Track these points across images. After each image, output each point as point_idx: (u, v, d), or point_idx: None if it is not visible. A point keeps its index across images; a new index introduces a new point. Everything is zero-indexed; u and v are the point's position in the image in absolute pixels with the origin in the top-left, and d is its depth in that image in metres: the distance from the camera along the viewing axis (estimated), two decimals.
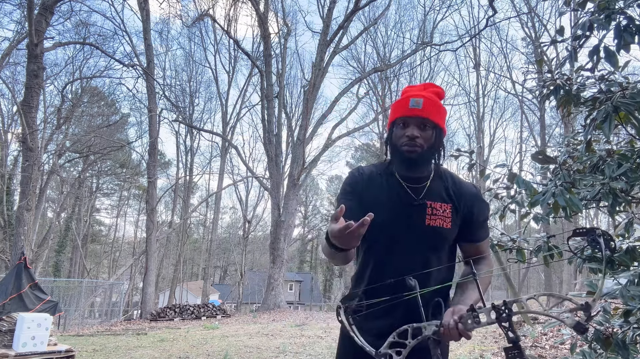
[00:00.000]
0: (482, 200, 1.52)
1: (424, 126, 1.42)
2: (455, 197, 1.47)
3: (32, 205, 11.99)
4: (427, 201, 1.44)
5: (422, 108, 1.41)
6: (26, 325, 5.36)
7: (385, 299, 1.32)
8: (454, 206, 1.46)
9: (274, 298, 18.27)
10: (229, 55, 28.89)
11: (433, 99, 1.44)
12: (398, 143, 1.44)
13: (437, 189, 1.47)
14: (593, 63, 1.72)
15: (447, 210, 1.45)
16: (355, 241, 1.21)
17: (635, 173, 1.66)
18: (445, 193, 1.47)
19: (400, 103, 1.47)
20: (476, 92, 29.04)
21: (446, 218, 1.43)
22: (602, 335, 1.61)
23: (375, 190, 1.49)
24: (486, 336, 7.67)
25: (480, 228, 1.50)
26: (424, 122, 1.42)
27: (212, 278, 36.91)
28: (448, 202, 1.46)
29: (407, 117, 1.42)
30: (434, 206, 1.43)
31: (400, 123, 1.45)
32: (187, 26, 25.04)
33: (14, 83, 20.56)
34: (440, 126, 1.45)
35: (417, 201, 1.43)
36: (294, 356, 6.74)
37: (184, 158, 30.46)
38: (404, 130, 1.43)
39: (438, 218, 1.43)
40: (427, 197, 1.45)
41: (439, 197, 1.46)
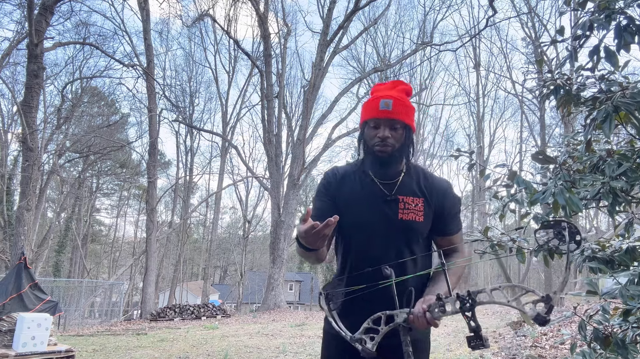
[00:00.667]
0: (453, 193, 1.56)
1: (394, 127, 1.47)
2: (427, 191, 1.51)
3: (32, 205, 12.00)
4: (399, 197, 1.49)
5: (392, 109, 1.46)
6: (26, 325, 5.36)
7: (363, 287, 1.38)
8: (426, 200, 1.50)
9: (274, 298, 18.27)
10: (229, 55, 28.98)
11: (402, 99, 1.49)
12: (370, 143, 1.50)
13: (408, 184, 1.52)
14: (593, 63, 1.72)
15: (420, 204, 1.49)
16: (321, 241, 1.28)
17: (635, 173, 1.67)
18: (417, 188, 1.52)
19: (370, 104, 1.51)
20: (476, 92, 29.05)
21: (419, 211, 1.48)
22: (601, 335, 1.62)
23: (349, 189, 1.55)
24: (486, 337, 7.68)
25: (452, 221, 1.54)
26: (394, 123, 1.47)
27: (212, 278, 36.91)
28: (420, 196, 1.50)
29: (378, 118, 1.47)
30: (406, 201, 1.49)
31: (372, 124, 1.50)
32: (187, 26, 25.06)
33: (14, 83, 20.59)
34: (409, 125, 1.50)
35: (390, 197, 1.49)
36: (294, 356, 6.74)
37: (184, 158, 30.48)
38: (376, 131, 1.48)
39: (411, 212, 1.48)
40: (399, 192, 1.50)
41: (411, 192, 1.51)
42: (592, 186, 1.75)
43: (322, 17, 20.16)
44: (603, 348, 1.60)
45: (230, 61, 28.46)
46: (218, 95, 28.11)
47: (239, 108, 28.44)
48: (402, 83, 1.57)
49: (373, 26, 23.96)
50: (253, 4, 19.44)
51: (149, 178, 19.63)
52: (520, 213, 2.24)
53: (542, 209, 2.07)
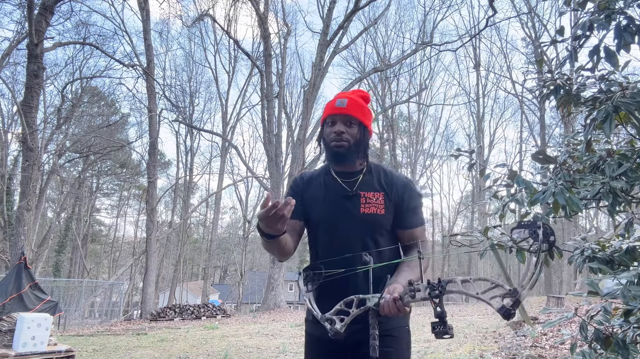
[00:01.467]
0: (412, 188, 1.63)
1: (349, 123, 1.58)
2: (387, 186, 1.60)
3: (32, 205, 12.00)
4: (360, 192, 1.58)
5: (347, 106, 1.58)
6: (26, 325, 5.35)
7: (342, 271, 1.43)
8: (386, 194, 1.58)
9: (274, 298, 18.27)
10: (229, 55, 28.98)
11: (358, 101, 1.61)
12: (328, 139, 1.60)
13: (369, 181, 1.61)
14: (593, 63, 1.72)
15: (380, 198, 1.57)
16: (281, 224, 1.36)
17: (635, 173, 1.66)
18: (377, 183, 1.60)
19: (329, 104, 1.64)
20: (476, 92, 29.09)
21: (379, 205, 1.56)
22: (602, 335, 1.61)
23: (314, 189, 1.67)
24: (486, 336, 7.68)
25: (412, 215, 1.60)
26: (349, 119, 1.58)
27: (212, 278, 36.91)
28: (380, 191, 1.58)
29: (334, 114, 1.59)
30: (367, 196, 1.57)
31: (329, 122, 1.61)
32: (187, 26, 25.06)
33: (14, 83, 20.60)
34: (365, 124, 1.60)
35: (351, 193, 1.58)
36: (294, 356, 6.74)
37: (184, 158, 30.51)
38: (332, 127, 1.59)
39: (372, 206, 1.55)
40: (360, 189, 1.58)
41: (372, 187, 1.59)
42: (592, 186, 1.75)
43: (322, 17, 20.17)
44: (604, 348, 1.60)
45: (230, 61, 28.52)
46: (218, 95, 28.16)
47: (239, 108, 28.49)
48: (360, 91, 1.69)
49: (373, 26, 23.98)
50: (253, 4, 19.44)
51: (149, 178, 19.63)
52: (520, 213, 2.24)
53: (542, 209, 2.07)
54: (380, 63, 25.47)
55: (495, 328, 8.60)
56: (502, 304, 1.08)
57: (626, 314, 1.61)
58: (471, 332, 8.26)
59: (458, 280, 1.19)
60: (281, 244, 1.48)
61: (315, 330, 1.61)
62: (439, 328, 1.18)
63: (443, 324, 1.17)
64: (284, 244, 1.50)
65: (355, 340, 1.46)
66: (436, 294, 1.18)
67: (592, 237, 2.15)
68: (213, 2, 29.84)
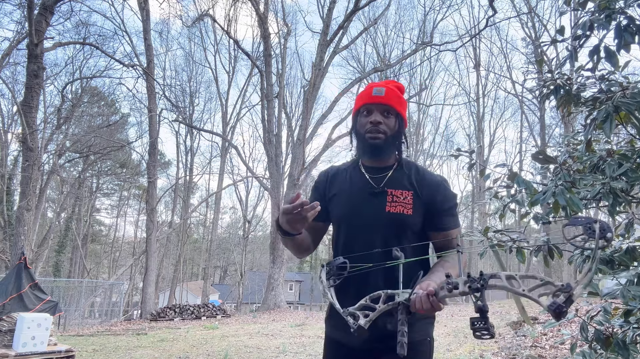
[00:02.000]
0: (446, 188, 1.51)
1: (387, 113, 1.47)
2: (417, 185, 1.48)
3: (32, 205, 12.00)
4: (387, 189, 1.46)
5: (385, 95, 1.46)
6: (26, 325, 5.35)
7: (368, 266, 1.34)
8: (416, 194, 1.46)
9: (274, 298, 18.27)
10: (229, 55, 29.00)
11: (395, 90, 1.49)
12: (362, 130, 1.48)
13: (398, 178, 1.49)
14: (593, 63, 1.72)
15: (408, 197, 1.45)
16: (300, 224, 1.31)
17: (635, 173, 1.66)
18: (407, 181, 1.48)
19: (363, 93, 1.52)
20: (476, 92, 29.08)
21: (407, 204, 1.44)
22: (602, 335, 1.61)
23: (339, 184, 1.56)
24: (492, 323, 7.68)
25: (445, 216, 1.48)
26: (387, 108, 1.46)
27: (212, 278, 36.91)
28: (409, 190, 1.47)
29: (371, 103, 1.47)
30: (394, 194, 1.45)
31: (364, 111, 1.49)
32: (187, 26, 25.05)
33: (14, 83, 20.59)
34: (402, 115, 1.49)
35: (377, 189, 1.47)
36: (294, 356, 6.74)
37: (184, 158, 30.50)
38: (368, 117, 1.47)
39: (398, 205, 1.44)
40: (387, 185, 1.47)
41: (400, 185, 1.47)
42: (592, 187, 1.75)
43: (322, 17, 20.16)
44: (604, 348, 1.60)
45: (230, 61, 28.51)
46: (218, 95, 28.15)
47: (239, 108, 28.48)
48: (394, 82, 1.57)
49: (373, 26, 23.97)
50: (253, 4, 19.43)
51: (149, 178, 19.62)
52: (520, 213, 2.24)
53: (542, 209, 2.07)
54: (380, 63, 25.47)
55: (495, 328, 8.59)
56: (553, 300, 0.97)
57: (626, 315, 1.61)
58: (471, 332, 8.25)
59: (502, 275, 1.08)
60: (297, 242, 1.44)
61: (335, 333, 1.52)
62: (478, 324, 1.07)
63: (484, 320, 1.06)
64: (300, 242, 1.45)
65: (376, 348, 1.39)
66: (477, 287, 1.07)
67: None
68: (213, 2, 29.84)
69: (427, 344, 1.44)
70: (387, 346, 1.35)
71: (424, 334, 1.43)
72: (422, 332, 1.42)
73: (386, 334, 1.33)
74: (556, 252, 2.08)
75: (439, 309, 1.16)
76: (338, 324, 1.28)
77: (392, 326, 1.32)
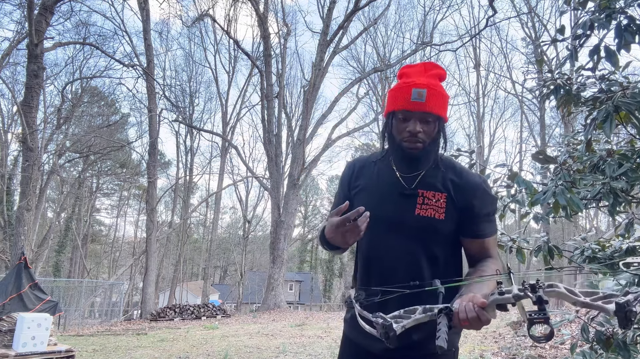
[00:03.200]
0: (485, 191, 1.35)
1: (426, 120, 1.30)
2: (453, 187, 1.33)
3: (32, 205, 12.00)
4: (419, 191, 1.33)
5: (426, 101, 1.27)
6: (26, 325, 5.35)
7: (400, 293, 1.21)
8: (450, 197, 1.32)
9: (274, 298, 18.27)
10: (229, 55, 28.98)
11: (436, 88, 1.31)
12: (398, 137, 1.33)
13: (432, 178, 1.34)
14: (594, 62, 1.71)
15: (442, 199, 1.32)
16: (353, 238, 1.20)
17: (635, 173, 1.66)
18: (442, 182, 1.34)
19: (400, 92, 1.32)
20: (476, 92, 29.05)
21: (439, 208, 1.31)
22: (603, 336, 1.61)
23: (366, 179, 1.43)
24: (486, 336, 7.67)
25: (482, 222, 1.33)
26: (427, 116, 1.29)
27: (212, 278, 36.91)
28: (443, 192, 1.33)
29: (409, 111, 1.29)
30: (426, 196, 1.32)
31: (401, 116, 1.32)
32: (187, 26, 25.05)
33: (14, 83, 20.59)
34: (442, 117, 1.32)
35: (408, 190, 1.33)
36: (294, 356, 6.74)
37: (184, 158, 30.49)
38: (405, 124, 1.31)
39: (430, 208, 1.31)
40: (420, 186, 1.33)
41: (433, 186, 1.33)
42: (592, 186, 1.74)
43: (322, 17, 20.16)
44: (605, 349, 1.60)
45: (230, 61, 28.49)
46: (218, 95, 28.14)
47: (239, 108, 28.47)
48: (435, 66, 1.37)
49: (373, 26, 23.96)
50: (253, 4, 19.43)
51: (149, 178, 19.63)
52: (520, 213, 2.24)
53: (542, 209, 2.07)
54: (380, 63, 25.46)
55: (495, 328, 8.59)
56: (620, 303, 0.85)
57: None
58: (471, 332, 8.25)
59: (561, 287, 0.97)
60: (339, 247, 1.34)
61: (354, 334, 1.41)
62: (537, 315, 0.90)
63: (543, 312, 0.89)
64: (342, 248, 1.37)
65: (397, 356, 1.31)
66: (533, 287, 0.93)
67: (592, 237, 2.15)
68: (213, 2, 29.84)
69: (451, 354, 1.35)
70: (408, 356, 1.30)
71: (450, 344, 1.29)
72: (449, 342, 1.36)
73: (409, 345, 1.27)
74: (556, 252, 2.08)
75: (486, 321, 1.01)
76: (358, 326, 1.15)
77: (417, 336, 1.26)
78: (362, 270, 1.41)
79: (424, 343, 1.27)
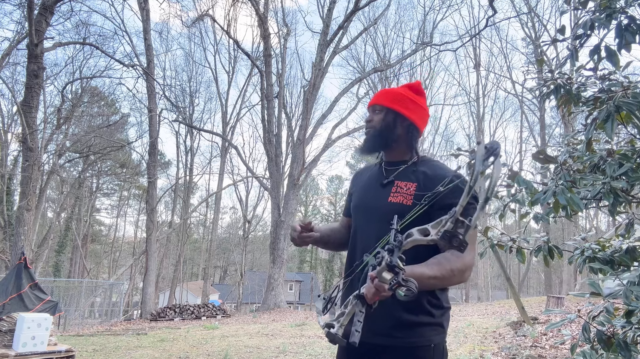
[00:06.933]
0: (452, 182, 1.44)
1: (375, 111, 1.58)
2: (424, 178, 1.47)
3: (32, 205, 11.99)
4: (395, 181, 1.50)
5: (373, 97, 1.60)
6: (26, 325, 5.35)
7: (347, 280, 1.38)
8: (419, 186, 1.45)
9: (274, 298, 18.27)
10: (228, 55, 28.96)
11: (389, 90, 1.59)
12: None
13: (409, 171, 1.52)
14: (594, 62, 1.71)
15: (412, 188, 1.46)
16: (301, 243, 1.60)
17: (636, 173, 1.66)
18: (415, 174, 1.50)
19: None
20: (476, 92, 29.07)
21: (408, 195, 1.45)
22: (604, 336, 1.61)
23: (363, 178, 1.67)
24: (486, 336, 7.67)
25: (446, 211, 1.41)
26: (375, 107, 1.58)
27: (212, 278, 36.91)
28: (414, 182, 1.47)
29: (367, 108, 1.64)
30: (399, 185, 1.48)
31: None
32: (187, 26, 25.07)
33: (14, 83, 20.58)
34: (392, 109, 1.54)
35: (386, 181, 1.52)
36: (294, 356, 6.74)
37: (184, 158, 30.47)
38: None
39: (400, 196, 1.46)
40: (396, 177, 1.51)
41: (407, 177, 1.50)
42: (592, 186, 1.74)
43: (322, 17, 20.15)
44: (606, 349, 1.60)
45: (230, 61, 28.50)
46: (218, 95, 28.13)
47: (239, 108, 28.47)
48: (409, 84, 1.65)
49: (373, 26, 23.95)
50: (253, 4, 19.43)
51: (149, 178, 19.62)
52: (520, 212, 2.24)
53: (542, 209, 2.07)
54: (380, 63, 25.45)
55: (495, 328, 8.59)
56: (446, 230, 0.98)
57: (628, 315, 1.60)
58: (471, 332, 8.25)
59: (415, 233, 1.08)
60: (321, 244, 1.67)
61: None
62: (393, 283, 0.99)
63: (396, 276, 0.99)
64: (324, 243, 1.68)
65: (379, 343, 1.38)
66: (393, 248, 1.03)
67: (592, 237, 2.15)
68: (213, 2, 29.88)
69: (429, 350, 1.37)
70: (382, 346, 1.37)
71: (426, 341, 1.37)
72: (424, 338, 1.37)
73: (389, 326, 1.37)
74: (557, 252, 2.08)
75: (384, 291, 1.06)
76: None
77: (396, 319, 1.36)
78: (347, 255, 1.60)
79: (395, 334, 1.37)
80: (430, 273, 1.24)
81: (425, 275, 1.22)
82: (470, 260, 1.32)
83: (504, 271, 9.70)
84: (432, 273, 1.24)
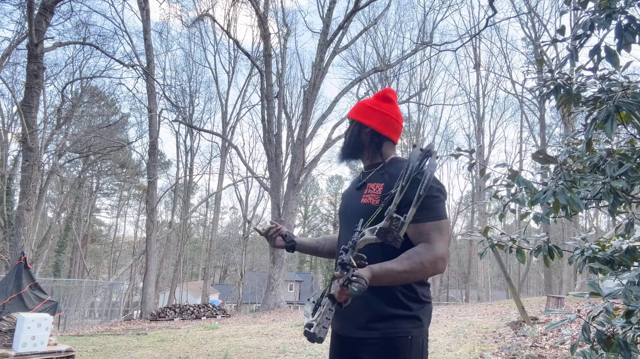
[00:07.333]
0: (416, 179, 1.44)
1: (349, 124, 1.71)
2: (389, 178, 1.53)
3: (32, 205, 11.99)
4: (367, 184, 1.58)
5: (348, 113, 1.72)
6: (26, 325, 5.35)
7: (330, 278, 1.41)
8: (386, 186, 1.51)
9: (274, 298, 18.27)
10: (228, 55, 29.01)
11: (358, 103, 1.70)
12: None
13: (378, 173, 1.60)
14: (594, 62, 1.71)
15: (380, 188, 1.52)
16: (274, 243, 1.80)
17: (636, 173, 1.66)
18: (383, 175, 1.57)
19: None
20: (476, 92, 29.08)
21: (376, 196, 1.51)
22: (604, 336, 1.61)
23: (349, 186, 1.77)
24: (486, 336, 7.67)
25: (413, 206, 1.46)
26: (349, 121, 1.71)
27: (212, 278, 36.90)
28: (381, 182, 1.54)
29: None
30: (370, 187, 1.56)
31: None
32: (187, 26, 25.06)
33: (14, 83, 20.59)
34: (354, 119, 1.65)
35: (360, 184, 1.62)
36: (294, 356, 6.74)
37: (184, 158, 30.49)
38: None
39: (370, 196, 1.53)
40: (368, 180, 1.60)
41: (377, 179, 1.57)
42: (592, 186, 1.74)
43: (322, 17, 20.15)
44: (606, 349, 1.60)
45: (230, 61, 28.52)
46: (218, 95, 28.14)
47: (239, 108, 28.48)
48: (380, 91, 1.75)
49: (373, 26, 23.95)
50: (253, 4, 19.42)
51: (149, 178, 19.62)
52: (520, 212, 2.24)
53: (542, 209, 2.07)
54: (380, 63, 25.45)
55: (495, 328, 8.59)
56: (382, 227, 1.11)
57: (628, 315, 1.60)
58: (471, 332, 8.25)
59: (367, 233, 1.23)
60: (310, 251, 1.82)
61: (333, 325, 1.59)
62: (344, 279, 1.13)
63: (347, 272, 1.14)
64: (313, 251, 1.82)
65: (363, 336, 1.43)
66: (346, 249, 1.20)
67: (592, 237, 2.15)
68: (213, 2, 29.87)
69: (405, 342, 1.39)
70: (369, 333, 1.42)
71: (402, 332, 1.40)
72: (400, 329, 1.40)
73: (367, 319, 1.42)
74: (556, 252, 2.08)
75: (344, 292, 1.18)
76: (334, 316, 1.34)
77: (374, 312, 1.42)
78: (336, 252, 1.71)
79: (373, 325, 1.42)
80: (400, 267, 1.31)
81: (395, 270, 1.30)
82: (441, 252, 1.36)
83: (504, 271, 9.70)
84: (401, 267, 1.31)
